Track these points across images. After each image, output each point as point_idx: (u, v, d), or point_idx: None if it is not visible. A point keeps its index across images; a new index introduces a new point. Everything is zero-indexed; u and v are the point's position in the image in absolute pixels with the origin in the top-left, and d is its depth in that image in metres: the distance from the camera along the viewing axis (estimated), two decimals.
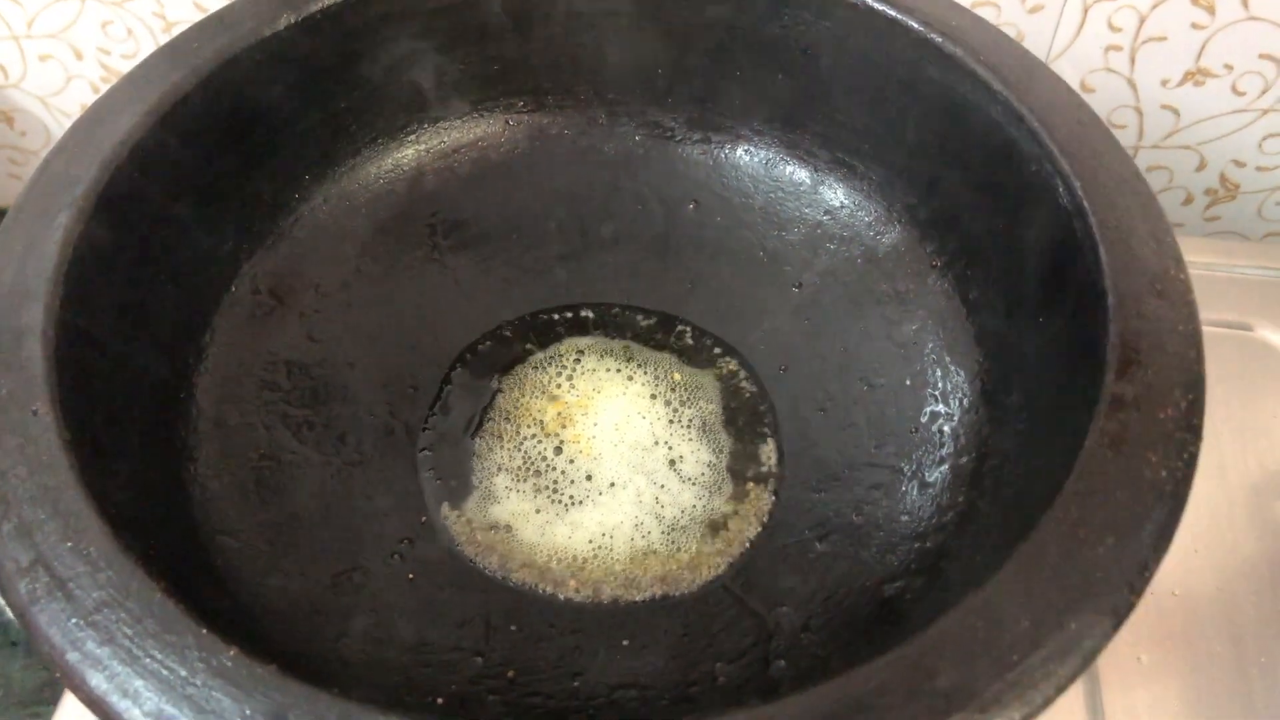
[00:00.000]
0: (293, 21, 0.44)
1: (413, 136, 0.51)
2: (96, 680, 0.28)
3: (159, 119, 0.41)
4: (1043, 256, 0.41)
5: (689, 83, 0.52)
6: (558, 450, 0.47)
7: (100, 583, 0.29)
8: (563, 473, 0.46)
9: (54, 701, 0.57)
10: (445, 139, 0.52)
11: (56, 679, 0.58)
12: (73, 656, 0.28)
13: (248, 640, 0.29)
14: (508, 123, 0.53)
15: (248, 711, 0.27)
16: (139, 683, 0.28)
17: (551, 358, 0.50)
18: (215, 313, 0.45)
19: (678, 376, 0.49)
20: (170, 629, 0.28)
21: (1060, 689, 0.28)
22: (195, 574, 0.37)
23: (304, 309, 0.47)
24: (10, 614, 0.60)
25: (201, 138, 0.43)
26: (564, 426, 0.47)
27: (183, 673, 0.28)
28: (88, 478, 0.31)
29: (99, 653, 0.28)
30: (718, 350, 0.50)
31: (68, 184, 0.38)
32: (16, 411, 0.32)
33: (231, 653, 0.28)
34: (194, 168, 0.43)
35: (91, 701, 0.28)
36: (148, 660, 0.28)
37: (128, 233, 0.40)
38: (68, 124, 0.75)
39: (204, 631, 0.28)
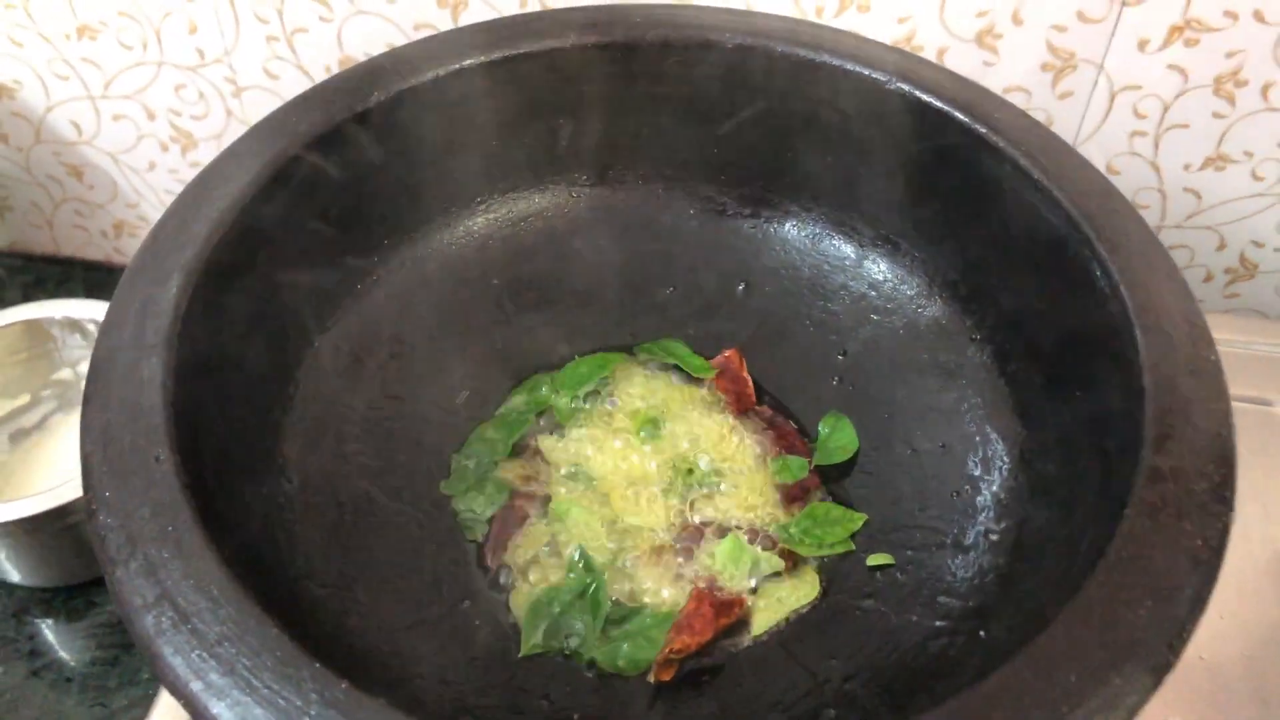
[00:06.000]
0: (381, 100, 0.48)
1: (483, 206, 0.55)
2: (219, 708, 0.30)
3: (259, 189, 0.44)
4: (1080, 335, 0.43)
5: (741, 162, 0.55)
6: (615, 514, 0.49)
7: (221, 618, 0.32)
8: (622, 529, 0.48)
9: None
10: (513, 209, 0.55)
11: (114, 717, 0.59)
12: (196, 686, 0.31)
13: None
14: (571, 194, 0.56)
15: None
16: (259, 711, 0.30)
17: (609, 419, 0.52)
18: (299, 368, 0.48)
19: (726, 438, 0.52)
20: (287, 663, 0.31)
21: None
22: (286, 614, 0.39)
23: (380, 365, 0.50)
24: (62, 653, 0.62)
25: (295, 206, 0.46)
26: (622, 485, 0.50)
27: (298, 703, 0.30)
28: (205, 521, 0.34)
29: (221, 683, 0.31)
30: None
31: (179, 248, 0.41)
32: (140, 458, 0.35)
33: (344, 685, 0.30)
34: (286, 233, 0.46)
35: None
36: (265, 691, 0.30)
37: (230, 293, 0.43)
38: (134, 179, 0.79)
39: (317, 666, 0.31)
